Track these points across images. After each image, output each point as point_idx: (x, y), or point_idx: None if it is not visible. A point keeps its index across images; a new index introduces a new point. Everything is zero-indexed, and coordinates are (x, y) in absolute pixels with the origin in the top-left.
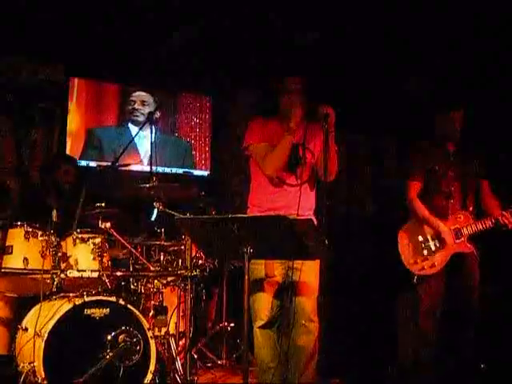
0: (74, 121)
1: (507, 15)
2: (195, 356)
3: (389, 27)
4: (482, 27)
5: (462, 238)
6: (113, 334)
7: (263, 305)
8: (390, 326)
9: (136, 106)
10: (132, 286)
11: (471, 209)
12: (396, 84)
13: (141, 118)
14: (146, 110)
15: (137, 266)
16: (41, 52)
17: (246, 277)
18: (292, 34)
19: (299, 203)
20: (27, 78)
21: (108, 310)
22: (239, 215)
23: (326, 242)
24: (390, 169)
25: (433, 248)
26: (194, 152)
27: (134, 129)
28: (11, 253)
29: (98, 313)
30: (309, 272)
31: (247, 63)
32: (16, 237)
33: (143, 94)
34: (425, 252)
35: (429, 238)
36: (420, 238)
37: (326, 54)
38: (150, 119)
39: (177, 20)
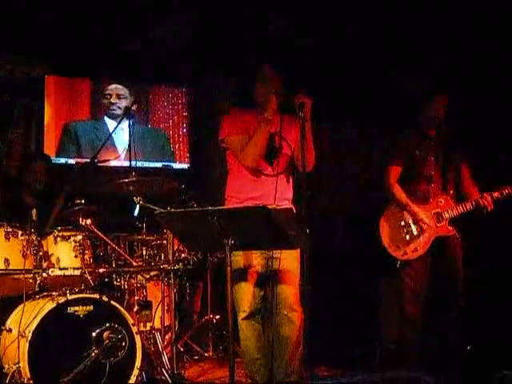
0: (47, 117)
1: (507, 15)
2: (182, 349)
3: (388, 27)
4: (482, 27)
5: (443, 222)
6: (97, 331)
7: (245, 296)
8: (376, 311)
9: (112, 99)
10: (115, 282)
11: (452, 192)
12: (389, 81)
13: (117, 112)
14: (123, 103)
15: (119, 262)
16: (18, 50)
17: (229, 268)
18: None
19: (275, 193)
20: (5, 77)
21: (92, 307)
22: (219, 207)
23: (307, 230)
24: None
25: (415, 232)
26: (171, 142)
27: (110, 122)
28: None
29: (81, 310)
30: (289, 260)
31: (233, 56)
32: None
33: (119, 86)
34: (407, 237)
35: (410, 222)
36: (401, 223)
37: (321, 53)
38: (127, 114)
39: (153, 12)
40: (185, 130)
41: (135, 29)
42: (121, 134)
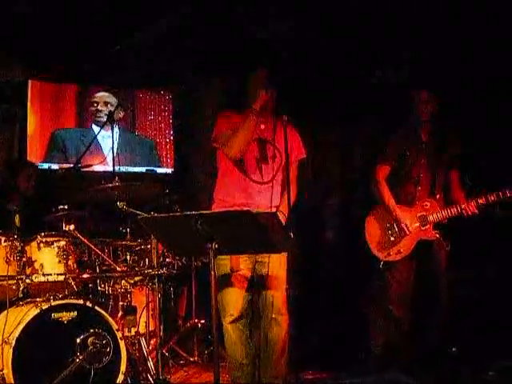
0: (31, 123)
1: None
2: (167, 354)
3: (373, 25)
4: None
5: (428, 225)
6: (82, 336)
7: (231, 300)
8: (361, 312)
9: (99, 107)
10: (99, 288)
11: (438, 197)
12: (368, 73)
13: (104, 119)
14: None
15: (103, 267)
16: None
17: (213, 273)
18: (264, 26)
19: (263, 200)
20: None
21: (76, 313)
22: (203, 211)
23: (292, 235)
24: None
25: (399, 234)
26: (157, 149)
27: (97, 130)
28: None
29: (65, 316)
30: (276, 265)
31: (212, 56)
32: None
33: (106, 94)
34: (391, 238)
35: (395, 224)
36: (387, 224)
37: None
38: (109, 119)
39: (138, 16)
40: (170, 135)
41: (120, 33)
42: (108, 140)
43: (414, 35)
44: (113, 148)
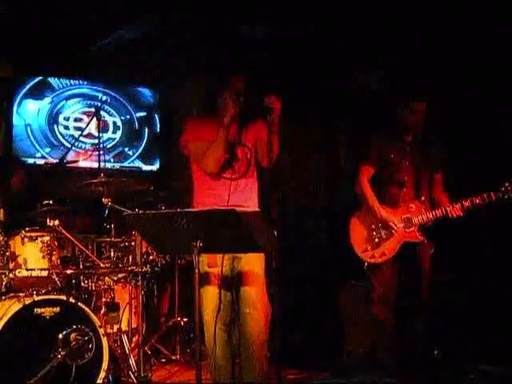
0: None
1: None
2: (149, 352)
3: (359, 26)
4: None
5: (413, 228)
6: (64, 332)
7: (210, 297)
8: (344, 313)
9: None
10: (82, 284)
11: (423, 199)
12: (353, 75)
13: None
14: None
15: (87, 264)
16: None
17: (196, 271)
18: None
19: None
20: None
21: (58, 308)
22: (187, 210)
23: (275, 233)
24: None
25: (384, 236)
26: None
27: None
28: None
29: (48, 312)
30: (253, 262)
31: (194, 55)
32: None
33: None
34: (376, 240)
35: (380, 226)
36: (372, 226)
37: (279, 47)
38: (96, 113)
39: (123, 15)
40: (157, 132)
41: (102, 30)
42: None
43: (401, 36)
44: (98, 145)
